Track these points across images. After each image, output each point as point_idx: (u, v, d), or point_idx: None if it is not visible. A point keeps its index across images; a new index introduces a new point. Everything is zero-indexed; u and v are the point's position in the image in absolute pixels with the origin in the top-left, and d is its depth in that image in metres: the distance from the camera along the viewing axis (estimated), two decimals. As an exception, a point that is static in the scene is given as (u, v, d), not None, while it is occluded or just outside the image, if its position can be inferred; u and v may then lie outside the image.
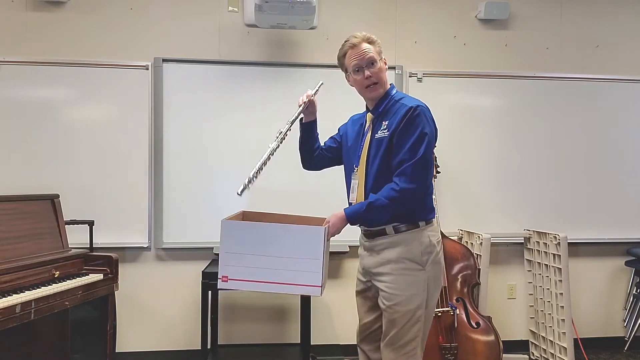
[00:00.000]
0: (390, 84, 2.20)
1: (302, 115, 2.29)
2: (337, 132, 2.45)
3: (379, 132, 2.09)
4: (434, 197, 3.41)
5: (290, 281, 2.00)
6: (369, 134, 2.15)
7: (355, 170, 2.17)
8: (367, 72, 2.11)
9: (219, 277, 2.01)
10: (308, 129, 2.35)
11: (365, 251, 2.20)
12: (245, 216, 2.31)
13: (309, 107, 2.29)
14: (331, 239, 2.12)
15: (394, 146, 2.03)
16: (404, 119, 2.01)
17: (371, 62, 2.12)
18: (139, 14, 3.55)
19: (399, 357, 2.06)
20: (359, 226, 2.20)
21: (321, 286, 1.99)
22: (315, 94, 2.30)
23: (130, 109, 3.49)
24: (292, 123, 2.22)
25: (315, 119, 2.35)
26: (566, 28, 3.90)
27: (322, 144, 2.43)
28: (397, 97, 2.14)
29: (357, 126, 2.28)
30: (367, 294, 2.21)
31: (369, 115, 2.20)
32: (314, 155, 2.39)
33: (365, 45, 2.14)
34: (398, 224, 2.06)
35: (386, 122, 2.08)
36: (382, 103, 2.14)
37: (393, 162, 2.03)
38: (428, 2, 3.79)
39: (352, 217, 2.05)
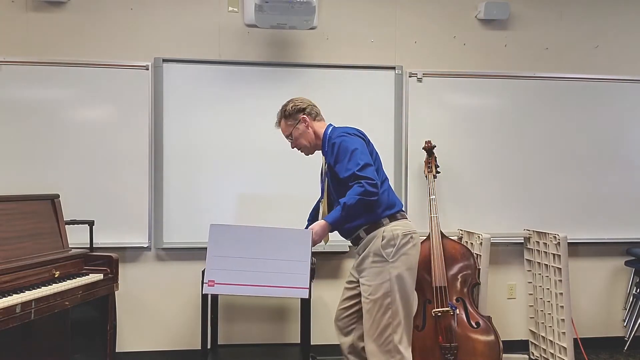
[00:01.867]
0: (328, 125, 2.56)
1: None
2: None
3: (325, 165, 2.49)
4: (433, 197, 3.45)
5: (277, 284, 2.03)
6: (325, 171, 2.52)
7: (321, 201, 2.58)
8: (291, 144, 2.59)
9: (205, 282, 2.02)
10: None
11: (357, 255, 2.50)
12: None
13: None
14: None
15: (337, 172, 2.35)
16: (333, 152, 2.36)
17: (288, 138, 2.58)
18: (139, 14, 3.55)
19: (378, 347, 2.29)
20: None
21: (309, 288, 2.05)
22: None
23: (130, 109, 3.49)
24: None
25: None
26: (566, 28, 3.90)
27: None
28: (330, 135, 2.47)
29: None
30: (351, 285, 2.53)
31: (323, 157, 2.57)
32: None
33: (281, 125, 2.59)
34: (367, 227, 2.38)
35: (327, 157, 2.45)
36: (324, 145, 2.50)
37: (342, 177, 2.32)
38: (428, 2, 3.79)
39: (333, 222, 2.28)
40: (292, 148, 2.59)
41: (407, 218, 2.47)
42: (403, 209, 2.49)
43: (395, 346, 2.27)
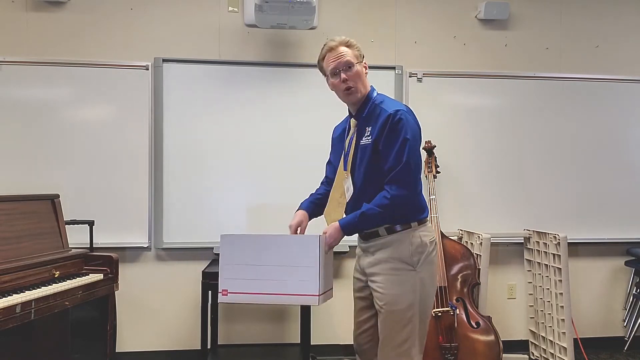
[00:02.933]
0: (371, 86, 2.18)
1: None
2: (330, 151, 2.41)
3: (363, 138, 2.11)
4: (433, 197, 3.45)
5: (288, 291, 2.02)
6: (354, 140, 2.15)
7: (346, 176, 2.18)
8: (343, 76, 2.10)
9: (219, 291, 2.04)
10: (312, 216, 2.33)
11: (361, 252, 2.22)
12: None
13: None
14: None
15: (380, 154, 2.05)
16: (386, 126, 2.02)
17: (348, 66, 2.10)
18: (139, 14, 3.55)
19: (393, 359, 2.07)
20: None
21: (319, 295, 2.00)
22: None
23: (130, 109, 3.49)
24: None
25: (307, 219, 2.30)
26: (566, 28, 3.90)
27: (323, 179, 2.41)
28: (377, 101, 2.13)
29: (340, 131, 2.30)
30: (362, 293, 2.24)
31: (353, 121, 2.20)
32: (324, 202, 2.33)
33: (342, 49, 2.12)
34: (390, 225, 2.09)
35: (369, 128, 2.09)
36: (365, 108, 2.14)
37: (384, 169, 2.04)
38: (428, 2, 3.79)
39: (346, 227, 2.07)
40: (341, 81, 2.10)
41: (430, 224, 2.25)
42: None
43: (410, 357, 2.09)
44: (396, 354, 2.07)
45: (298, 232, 2.22)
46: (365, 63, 2.15)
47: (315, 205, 2.32)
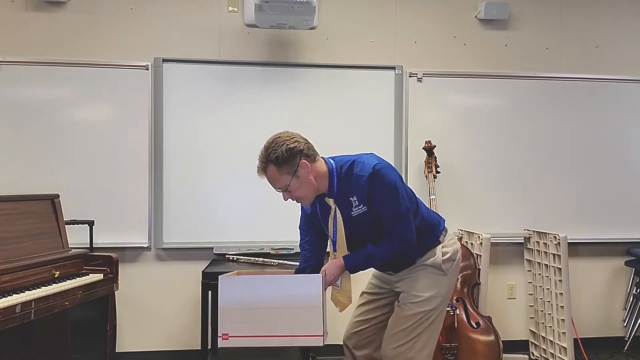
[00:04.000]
0: (327, 160, 2.09)
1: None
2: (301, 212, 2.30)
3: (354, 209, 2.03)
4: (433, 197, 3.45)
5: (291, 333, 1.98)
6: (339, 215, 2.07)
7: (334, 254, 2.14)
8: (285, 195, 2.06)
9: (219, 335, 2.00)
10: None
11: (388, 276, 2.24)
12: (240, 274, 2.24)
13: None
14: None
15: (379, 213, 2.01)
16: (373, 189, 1.97)
17: (283, 188, 2.03)
18: (139, 14, 3.55)
19: (400, 354, 2.09)
20: None
21: (323, 335, 1.98)
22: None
23: (130, 109, 3.49)
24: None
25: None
26: (566, 28, 3.90)
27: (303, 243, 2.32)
28: (343, 172, 2.04)
29: (318, 208, 2.16)
30: (374, 297, 2.29)
31: (329, 200, 2.09)
32: (316, 248, 2.29)
33: (269, 173, 2.01)
34: (424, 253, 2.12)
35: (354, 198, 2.02)
36: (333, 185, 2.05)
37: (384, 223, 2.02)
38: (428, 2, 3.79)
39: (352, 267, 2.06)
40: (285, 200, 2.07)
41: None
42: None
43: (415, 349, 2.11)
44: (405, 349, 2.09)
45: None
46: (303, 161, 1.98)
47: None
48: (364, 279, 2.39)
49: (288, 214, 3.40)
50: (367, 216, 2.03)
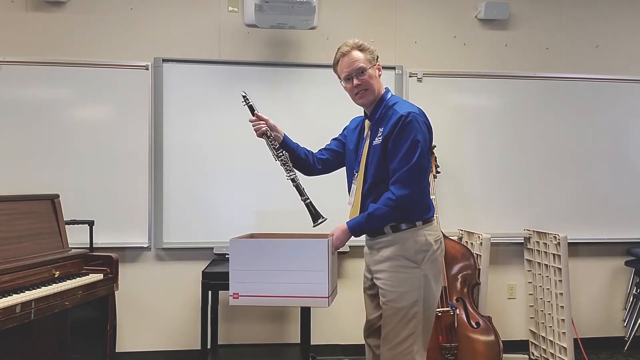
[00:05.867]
0: (386, 88, 2.22)
1: (274, 141, 2.34)
2: (341, 132, 2.46)
3: (376, 139, 2.14)
4: (433, 197, 3.44)
5: (298, 294, 2.09)
6: (367, 141, 2.19)
7: (355, 176, 2.23)
8: (355, 81, 2.14)
9: (229, 294, 2.10)
10: (284, 147, 2.37)
11: (368, 250, 2.26)
12: (253, 237, 2.37)
13: (267, 130, 2.33)
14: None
15: (388, 153, 2.08)
16: (396, 127, 2.05)
17: (360, 71, 2.13)
18: (139, 14, 3.55)
19: (395, 356, 2.10)
20: None
21: (328, 297, 2.07)
22: (253, 112, 2.39)
23: (130, 109, 3.49)
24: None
25: (282, 135, 2.39)
26: (566, 28, 3.90)
27: (323, 147, 2.46)
28: (391, 103, 2.16)
29: (357, 131, 2.32)
30: (372, 291, 2.27)
31: (367, 122, 2.24)
32: (311, 162, 2.40)
33: (355, 54, 2.14)
34: (396, 224, 2.12)
35: (381, 129, 2.12)
36: (378, 110, 2.17)
37: (389, 169, 2.08)
38: (428, 2, 3.79)
39: (354, 228, 2.12)
40: (354, 86, 2.14)
41: (437, 223, 2.29)
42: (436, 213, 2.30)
43: (413, 357, 2.10)
44: (399, 351, 2.09)
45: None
46: (379, 65, 2.18)
47: (296, 148, 2.38)
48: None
49: (288, 213, 3.41)
50: (379, 149, 2.10)
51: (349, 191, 2.29)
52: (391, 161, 2.06)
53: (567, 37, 3.90)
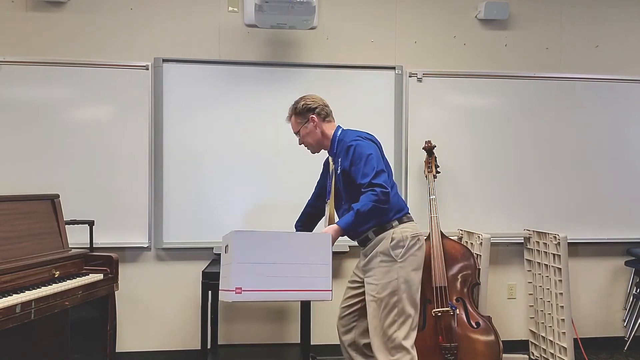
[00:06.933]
0: (337, 126, 2.60)
1: None
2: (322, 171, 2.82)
3: (338, 169, 2.49)
4: (433, 197, 3.45)
5: (301, 287, 2.07)
6: (334, 174, 2.55)
7: (327, 202, 2.59)
8: (299, 140, 2.64)
9: (232, 288, 1.99)
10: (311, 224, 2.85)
11: (362, 256, 2.57)
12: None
13: None
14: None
15: (352, 175, 2.39)
16: (349, 153, 2.40)
17: (296, 134, 2.62)
18: (139, 14, 3.55)
19: (384, 344, 2.36)
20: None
21: (332, 290, 2.11)
22: None
23: (130, 109, 3.49)
24: None
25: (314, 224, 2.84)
26: (566, 28, 3.90)
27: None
28: (340, 137, 2.53)
29: (327, 166, 2.71)
30: (354, 285, 2.60)
31: (330, 159, 2.64)
32: (315, 211, 2.81)
33: (291, 120, 2.63)
34: (377, 228, 2.44)
35: (340, 160, 2.48)
36: (333, 147, 2.56)
37: (358, 185, 2.35)
38: (428, 3, 3.79)
39: (346, 226, 2.30)
40: (300, 144, 2.64)
41: (413, 220, 2.53)
42: (409, 212, 2.55)
43: (400, 343, 2.35)
44: (385, 338, 2.36)
45: None
46: (312, 116, 2.54)
47: (305, 223, 2.79)
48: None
49: (288, 213, 3.41)
50: (343, 176, 2.45)
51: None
52: (357, 178, 2.35)
53: (567, 37, 3.90)
